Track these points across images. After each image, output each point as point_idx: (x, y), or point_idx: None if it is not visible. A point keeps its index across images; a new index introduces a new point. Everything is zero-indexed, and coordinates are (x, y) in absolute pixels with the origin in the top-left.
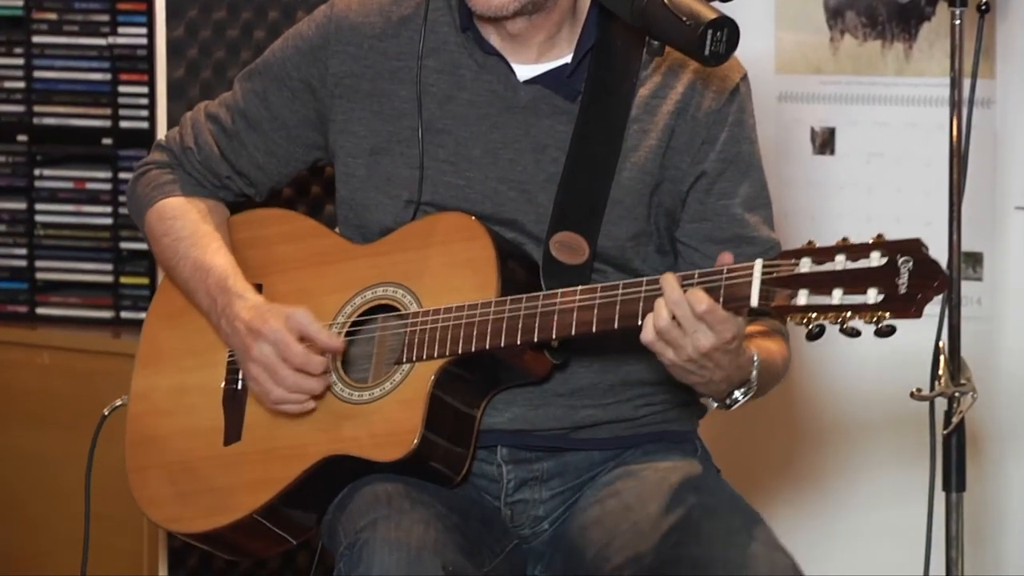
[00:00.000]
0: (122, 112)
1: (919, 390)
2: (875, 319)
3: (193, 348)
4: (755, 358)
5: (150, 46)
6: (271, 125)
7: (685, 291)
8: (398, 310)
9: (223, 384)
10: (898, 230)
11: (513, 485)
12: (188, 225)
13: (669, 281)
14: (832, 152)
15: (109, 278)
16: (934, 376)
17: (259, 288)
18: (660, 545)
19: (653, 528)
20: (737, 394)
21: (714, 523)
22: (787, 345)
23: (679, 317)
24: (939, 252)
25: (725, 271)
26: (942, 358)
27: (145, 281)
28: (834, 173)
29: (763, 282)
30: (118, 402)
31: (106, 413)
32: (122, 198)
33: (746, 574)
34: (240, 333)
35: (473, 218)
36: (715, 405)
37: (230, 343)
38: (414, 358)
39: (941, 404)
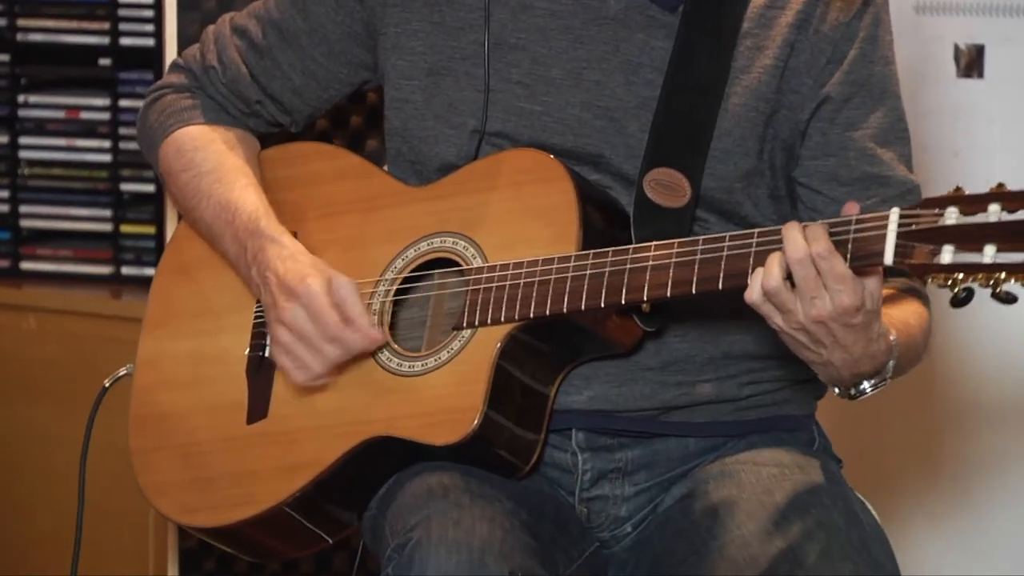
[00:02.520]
0: (123, 27)
1: None
2: None
3: (213, 307)
4: (894, 348)
5: None
6: (310, 40)
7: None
8: (459, 265)
9: (247, 351)
10: None
11: (590, 478)
12: (212, 157)
13: (793, 235)
14: (980, 75)
15: (108, 226)
16: None
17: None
18: None
19: (750, 562)
20: (865, 385)
21: (827, 571)
22: (928, 311)
23: (799, 278)
24: None
25: (853, 222)
26: None
27: (150, 230)
28: (982, 100)
29: (899, 235)
30: (122, 371)
31: (107, 385)
32: (123, 130)
33: None
34: (271, 287)
35: (550, 156)
36: (836, 391)
37: (260, 297)
38: (476, 322)
39: None
